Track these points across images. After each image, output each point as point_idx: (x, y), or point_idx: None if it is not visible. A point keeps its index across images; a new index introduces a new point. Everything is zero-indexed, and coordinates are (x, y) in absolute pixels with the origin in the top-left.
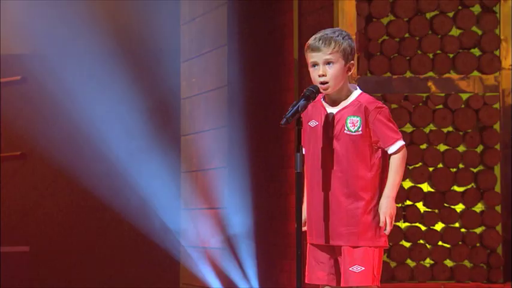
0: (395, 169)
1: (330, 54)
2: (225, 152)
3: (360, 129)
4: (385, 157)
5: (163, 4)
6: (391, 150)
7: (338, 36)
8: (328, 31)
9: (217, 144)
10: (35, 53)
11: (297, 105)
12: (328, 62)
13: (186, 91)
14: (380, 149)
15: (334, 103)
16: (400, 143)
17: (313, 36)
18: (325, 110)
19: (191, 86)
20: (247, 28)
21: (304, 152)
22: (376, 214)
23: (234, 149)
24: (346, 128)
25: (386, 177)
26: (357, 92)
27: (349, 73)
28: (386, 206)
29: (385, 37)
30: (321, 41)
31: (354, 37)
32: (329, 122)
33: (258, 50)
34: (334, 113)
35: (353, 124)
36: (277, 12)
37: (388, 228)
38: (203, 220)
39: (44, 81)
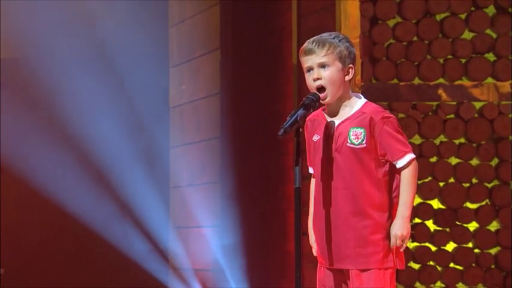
0: (406, 185)
1: (324, 56)
2: (218, 165)
3: (363, 141)
4: (393, 171)
5: (149, 4)
6: (399, 164)
7: (334, 38)
8: (323, 34)
9: (209, 156)
10: (12, 56)
11: (296, 115)
12: (322, 65)
13: (175, 99)
14: (388, 163)
15: (335, 114)
16: (410, 156)
17: (308, 40)
18: (327, 121)
19: (181, 94)
20: (241, 30)
21: (312, 171)
22: (387, 234)
23: (227, 162)
24: (348, 141)
25: (396, 194)
26: (361, 102)
27: (348, 78)
28: (400, 227)
29: (391, 40)
30: (314, 43)
31: (357, 40)
32: (330, 135)
33: (254, 54)
34: (336, 124)
35: (356, 136)
36: (274, 14)
37: (400, 250)
38: (194, 239)
39: (21, 88)
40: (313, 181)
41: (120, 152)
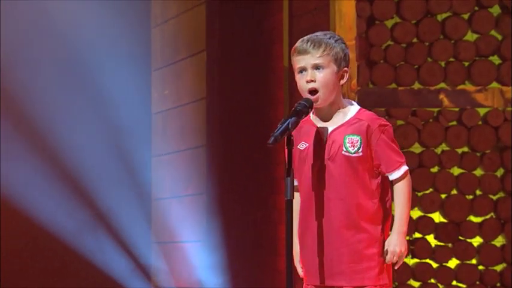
0: (402, 199)
1: (320, 57)
2: (204, 175)
3: (360, 150)
4: (385, 183)
5: (130, 3)
6: (394, 175)
7: (330, 38)
8: (318, 33)
9: (194, 166)
10: None
11: (287, 122)
12: (317, 67)
13: (158, 105)
14: (380, 175)
15: (327, 119)
16: (405, 167)
17: (301, 39)
18: (317, 128)
19: (164, 99)
20: (229, 31)
21: (296, 183)
22: (382, 249)
23: (213, 172)
24: (344, 149)
25: (389, 207)
26: (355, 108)
27: (342, 82)
28: (396, 243)
29: (389, 42)
30: (309, 43)
31: (353, 42)
32: (323, 142)
33: (242, 57)
34: (329, 131)
35: (352, 144)
36: (264, 14)
37: (396, 267)
38: (177, 255)
39: None
40: (296, 196)
41: (98, 161)
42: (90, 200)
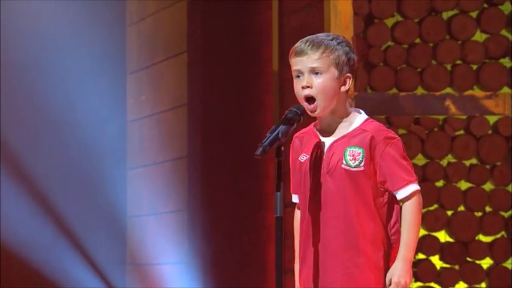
0: (409, 222)
1: (318, 59)
2: (185, 190)
3: (361, 164)
4: (393, 204)
5: None
6: (400, 195)
7: (332, 40)
8: (320, 34)
9: (174, 180)
10: None
11: (277, 131)
12: (314, 71)
13: (133, 112)
14: (387, 194)
15: (330, 130)
16: (414, 187)
17: (301, 40)
18: (318, 139)
19: (140, 106)
20: (212, 31)
21: (297, 200)
22: (382, 277)
23: (195, 186)
24: (344, 162)
25: (395, 231)
26: (362, 118)
27: (345, 88)
28: (401, 273)
29: (389, 43)
30: (307, 43)
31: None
32: (322, 154)
33: (227, 59)
34: (330, 142)
35: (353, 157)
36: (252, 11)
37: None
38: (155, 279)
39: None
40: (297, 213)
41: (66, 175)
42: (59, 217)
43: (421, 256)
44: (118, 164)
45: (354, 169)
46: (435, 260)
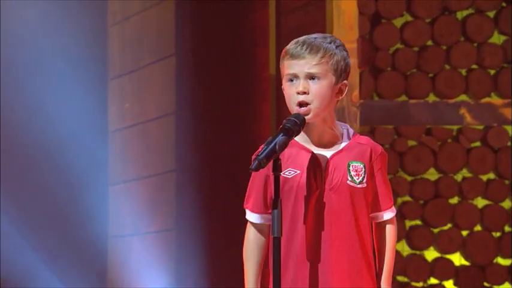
0: (392, 246)
1: (317, 65)
2: (173, 208)
3: (364, 180)
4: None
5: None
6: (386, 216)
7: (331, 43)
8: (316, 35)
9: (161, 196)
10: None
11: (274, 142)
12: (312, 76)
13: (115, 121)
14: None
15: (320, 141)
16: (394, 209)
17: (295, 40)
18: (309, 151)
19: (123, 114)
20: (203, 32)
21: (259, 220)
22: None
23: (185, 204)
24: (349, 178)
25: (375, 254)
26: (348, 128)
27: (341, 97)
28: None
29: (398, 45)
30: (305, 46)
31: (355, 45)
32: (320, 169)
33: (219, 62)
34: (328, 155)
35: (357, 173)
36: (246, 10)
37: None
38: None
39: None
40: (254, 235)
41: (40, 192)
42: (33, 238)
43: (433, 281)
44: (98, 179)
45: (358, 186)
46: (449, 285)
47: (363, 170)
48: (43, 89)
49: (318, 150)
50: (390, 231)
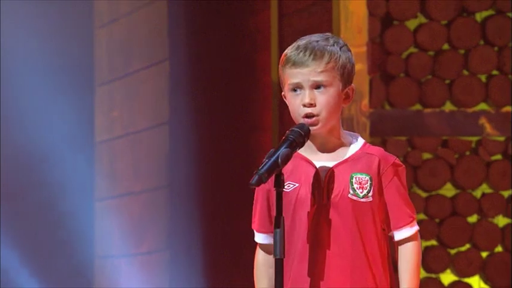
0: (415, 266)
1: (323, 72)
2: (164, 227)
3: (369, 194)
4: (387, 242)
5: None
6: (404, 234)
7: (334, 44)
8: (316, 37)
9: (151, 214)
10: None
11: (276, 156)
12: (318, 85)
13: (103, 131)
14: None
15: (323, 151)
16: (416, 225)
17: (295, 44)
18: (310, 162)
19: (112, 124)
20: (199, 35)
21: (264, 241)
22: None
23: (178, 222)
24: (350, 191)
25: (392, 277)
26: (358, 138)
27: (349, 102)
28: None
29: (412, 49)
30: (308, 52)
31: (364, 49)
32: (321, 182)
33: (217, 68)
34: (329, 166)
35: (361, 185)
36: (246, 12)
37: None
38: None
39: None
40: (262, 256)
41: (23, 206)
42: (17, 257)
43: None
44: (84, 195)
45: (362, 199)
46: None
47: (369, 182)
48: (24, 97)
49: (320, 161)
50: (410, 249)
